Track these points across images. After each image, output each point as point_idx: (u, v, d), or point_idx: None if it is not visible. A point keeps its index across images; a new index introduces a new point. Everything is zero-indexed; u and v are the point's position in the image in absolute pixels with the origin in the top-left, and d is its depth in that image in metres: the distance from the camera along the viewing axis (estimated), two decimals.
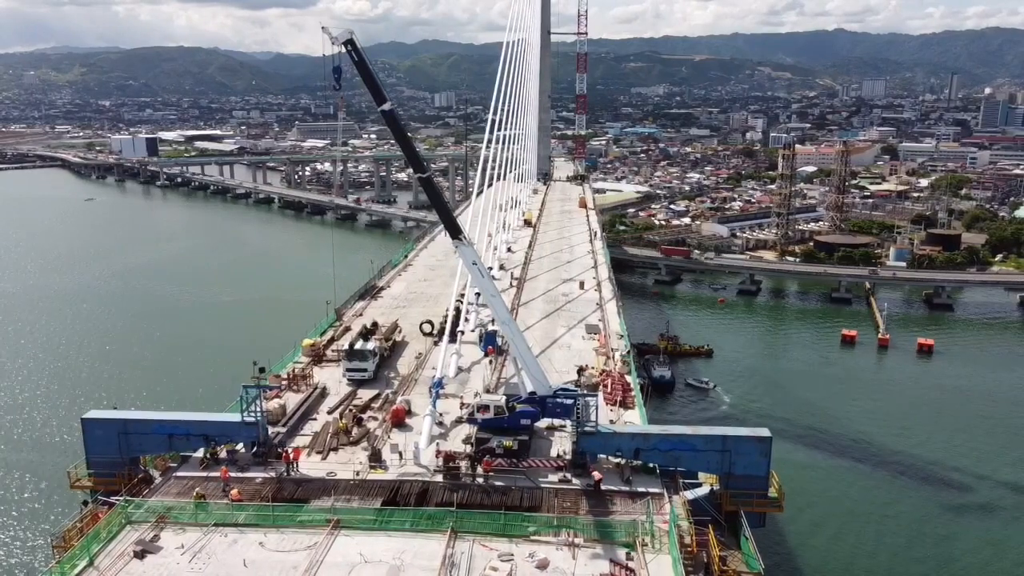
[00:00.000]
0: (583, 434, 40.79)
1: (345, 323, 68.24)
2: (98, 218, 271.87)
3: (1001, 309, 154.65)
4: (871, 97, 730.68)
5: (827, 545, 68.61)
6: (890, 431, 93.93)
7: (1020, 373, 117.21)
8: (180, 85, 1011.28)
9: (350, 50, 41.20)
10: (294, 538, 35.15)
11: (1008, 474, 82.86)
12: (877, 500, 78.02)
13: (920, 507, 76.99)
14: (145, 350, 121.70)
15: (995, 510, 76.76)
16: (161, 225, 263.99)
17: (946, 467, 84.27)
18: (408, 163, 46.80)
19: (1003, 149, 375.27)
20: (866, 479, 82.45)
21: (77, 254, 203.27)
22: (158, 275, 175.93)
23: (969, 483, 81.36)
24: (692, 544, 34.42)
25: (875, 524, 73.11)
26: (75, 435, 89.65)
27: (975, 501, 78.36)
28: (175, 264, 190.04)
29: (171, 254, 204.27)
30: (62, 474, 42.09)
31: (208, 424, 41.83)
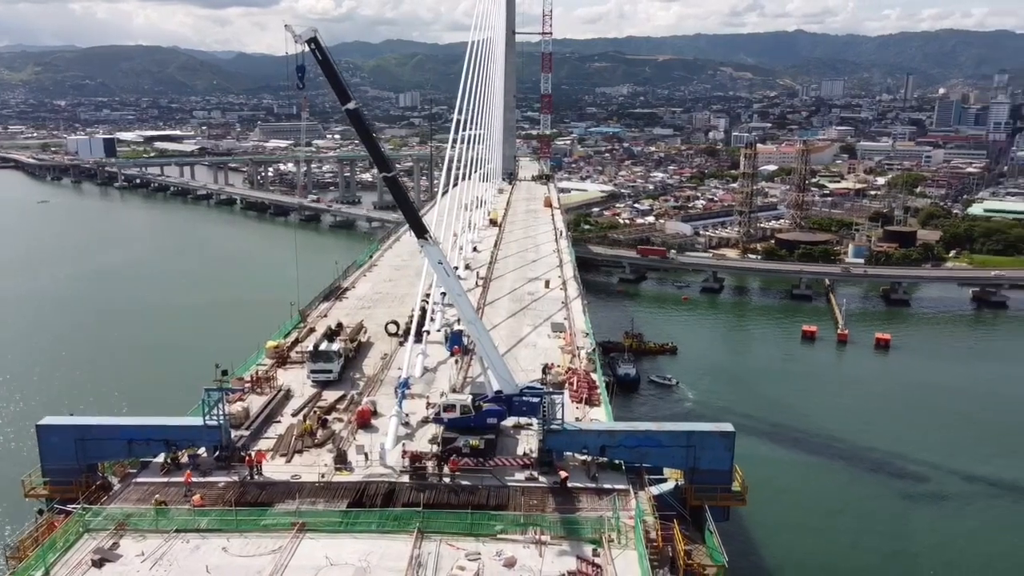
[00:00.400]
0: (549, 432, 40.93)
1: (309, 324, 67.64)
2: (54, 220, 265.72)
3: (955, 304, 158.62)
4: (830, 97, 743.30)
5: (789, 537, 69.83)
6: (850, 425, 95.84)
7: (974, 366, 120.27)
8: (139, 85, 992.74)
9: (314, 48, 40.87)
10: (258, 542, 34.72)
11: (964, 465, 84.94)
12: (838, 492, 79.61)
13: (879, 498, 78.70)
14: (103, 355, 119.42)
15: (951, 500, 78.80)
16: (120, 227, 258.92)
17: (904, 459, 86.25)
18: (373, 163, 46.59)
19: (956, 148, 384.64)
20: (827, 472, 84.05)
21: (32, 257, 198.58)
22: (117, 278, 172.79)
23: (926, 474, 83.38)
24: (658, 539, 34.80)
25: (836, 516, 74.60)
26: (29, 443, 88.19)
27: (932, 491, 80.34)
28: (134, 267, 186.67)
29: (130, 257, 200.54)
30: (14, 483, 40.92)
31: (169, 428, 41.15)
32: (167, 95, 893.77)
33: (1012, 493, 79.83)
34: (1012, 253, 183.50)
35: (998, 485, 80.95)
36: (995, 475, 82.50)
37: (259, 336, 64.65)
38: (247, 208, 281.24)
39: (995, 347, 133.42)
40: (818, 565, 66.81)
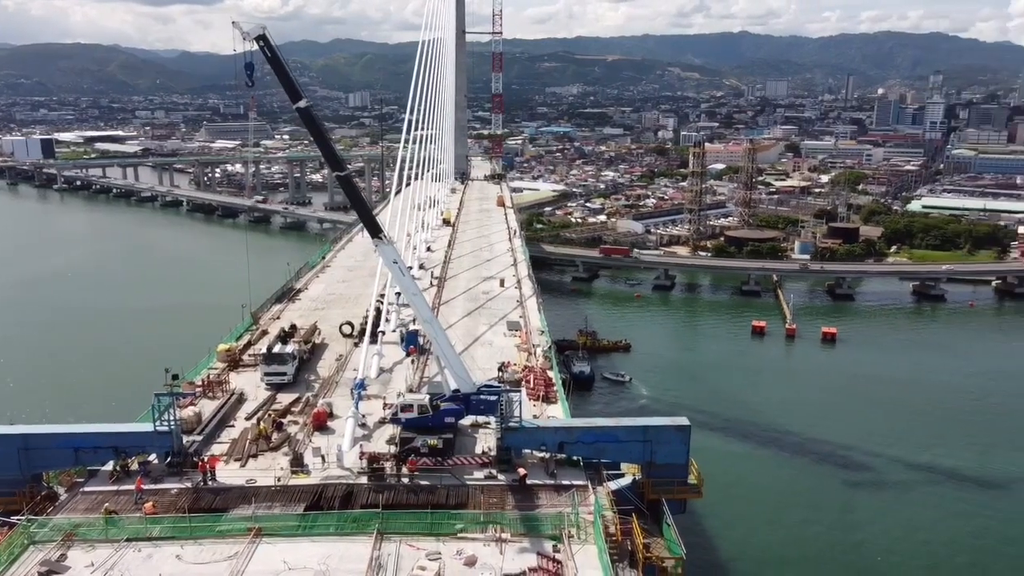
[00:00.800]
0: (507, 430, 41.00)
1: (262, 327, 66.58)
2: None
3: (896, 297, 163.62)
4: (775, 97, 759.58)
5: (744, 528, 71.30)
6: (799, 417, 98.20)
7: (916, 357, 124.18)
8: (78, 84, 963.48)
9: (263, 46, 40.19)
10: (213, 549, 34.10)
11: (905, 452, 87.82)
12: (789, 482, 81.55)
13: (827, 487, 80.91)
14: (46, 361, 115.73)
15: (893, 486, 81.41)
16: (61, 230, 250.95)
17: (850, 449, 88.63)
18: (326, 162, 46.07)
19: (895, 147, 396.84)
20: (778, 463, 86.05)
21: None
22: (60, 282, 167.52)
23: (870, 462, 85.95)
24: (617, 533, 35.08)
25: (787, 505, 76.43)
26: None
27: (876, 479, 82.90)
28: (78, 271, 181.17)
29: (73, 260, 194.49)
30: None
31: (118, 435, 40.02)
32: (108, 95, 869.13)
33: (949, 478, 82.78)
34: (949, 248, 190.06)
35: (936, 471, 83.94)
36: (934, 462, 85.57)
37: (210, 340, 63.35)
38: (194, 210, 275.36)
39: (935, 338, 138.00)
40: (772, 554, 68.39)
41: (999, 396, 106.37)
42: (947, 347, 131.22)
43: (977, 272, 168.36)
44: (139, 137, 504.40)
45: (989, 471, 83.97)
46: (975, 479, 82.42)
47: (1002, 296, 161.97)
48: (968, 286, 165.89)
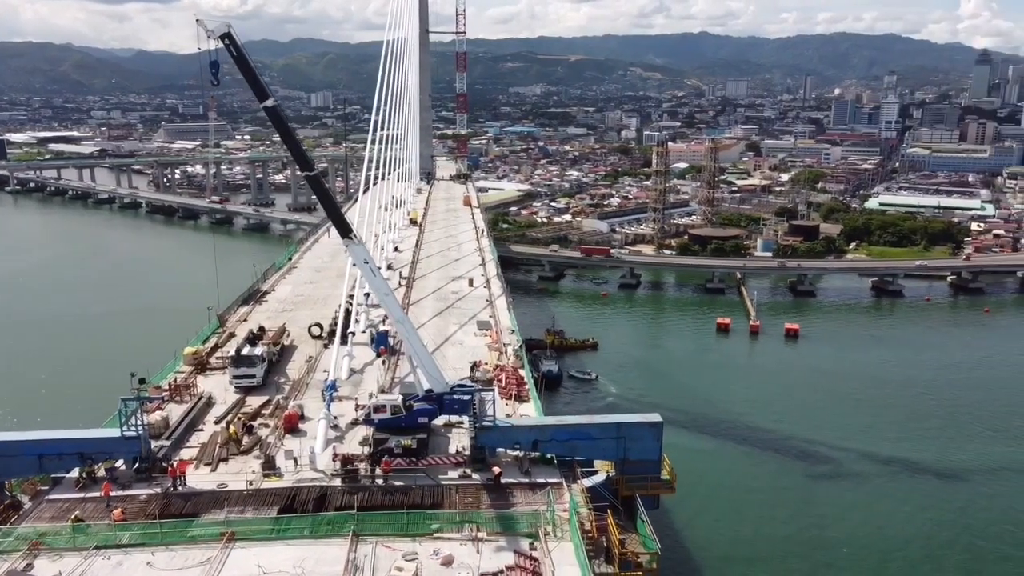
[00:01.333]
0: (481, 429, 41.03)
1: (229, 329, 65.71)
2: None
3: (856, 294, 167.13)
4: (735, 97, 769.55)
5: (714, 521, 72.39)
6: (764, 412, 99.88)
7: (876, 352, 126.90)
8: (29, 83, 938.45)
9: (228, 44, 39.62)
10: (185, 555, 33.61)
11: (871, 446, 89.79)
12: (755, 476, 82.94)
13: (792, 479, 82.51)
14: (4, 368, 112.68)
15: (854, 477, 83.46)
16: (13, 234, 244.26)
17: (815, 442, 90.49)
18: (295, 162, 45.69)
19: (852, 146, 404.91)
20: (746, 457, 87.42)
21: None
22: (14, 287, 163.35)
23: (833, 455, 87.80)
24: (592, 530, 35.29)
25: (756, 499, 77.70)
26: None
27: (839, 471, 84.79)
28: (34, 275, 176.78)
29: (30, 264, 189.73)
30: None
31: (83, 441, 39.14)
32: (61, 94, 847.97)
33: (908, 470, 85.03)
34: (906, 244, 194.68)
35: (897, 463, 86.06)
36: (895, 455, 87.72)
37: (175, 343, 62.31)
38: (154, 211, 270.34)
39: (894, 333, 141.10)
40: (743, 547, 69.54)
41: (957, 389, 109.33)
42: (906, 341, 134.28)
43: (936, 268, 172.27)
44: (95, 138, 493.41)
45: (947, 463, 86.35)
46: (934, 471, 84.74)
47: (956, 291, 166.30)
48: (924, 281, 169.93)
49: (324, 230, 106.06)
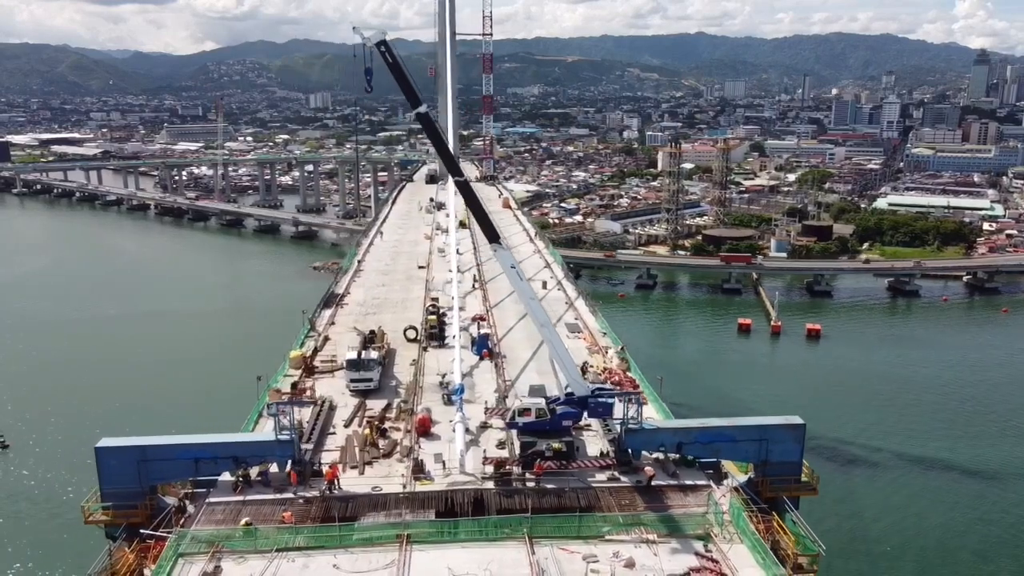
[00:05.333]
0: (629, 432, 40.83)
1: (322, 333, 65.04)
2: None
3: (872, 293, 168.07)
4: (733, 97, 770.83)
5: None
6: (795, 412, 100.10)
7: (898, 352, 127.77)
8: (26, 85, 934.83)
9: (383, 51, 39.69)
10: (368, 557, 33.56)
11: (907, 445, 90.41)
12: None
13: (832, 480, 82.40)
14: (34, 370, 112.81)
15: (898, 477, 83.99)
16: (25, 237, 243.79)
17: (850, 444, 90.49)
18: (445, 167, 45.58)
19: (855, 146, 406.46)
20: None
21: None
22: (40, 291, 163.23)
23: (873, 456, 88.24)
24: (761, 532, 34.85)
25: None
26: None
27: (880, 473, 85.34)
28: (54, 278, 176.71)
29: (42, 267, 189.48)
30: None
31: (238, 445, 39.35)
32: (59, 96, 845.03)
33: (944, 468, 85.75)
34: (918, 244, 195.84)
35: (931, 462, 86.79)
36: (929, 453, 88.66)
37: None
38: (163, 213, 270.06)
39: (913, 333, 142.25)
40: None
41: (984, 387, 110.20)
42: (926, 341, 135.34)
43: (951, 268, 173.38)
44: (97, 139, 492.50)
45: (979, 461, 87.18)
46: (967, 469, 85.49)
47: (972, 291, 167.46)
48: (940, 281, 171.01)
49: (375, 233, 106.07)
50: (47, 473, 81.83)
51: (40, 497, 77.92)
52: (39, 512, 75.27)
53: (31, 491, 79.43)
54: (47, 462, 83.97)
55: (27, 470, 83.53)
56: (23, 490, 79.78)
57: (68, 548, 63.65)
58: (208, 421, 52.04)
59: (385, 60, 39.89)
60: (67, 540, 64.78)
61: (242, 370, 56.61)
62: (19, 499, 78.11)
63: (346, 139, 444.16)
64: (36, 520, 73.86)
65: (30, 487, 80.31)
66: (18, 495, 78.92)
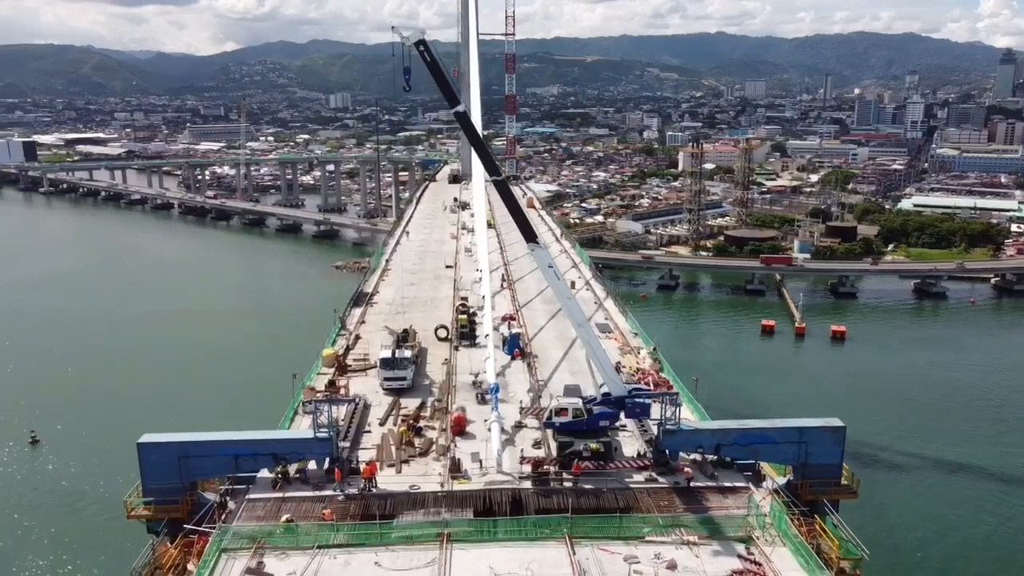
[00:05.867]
0: (667, 432, 40.62)
1: (352, 331, 65.22)
2: None
3: (898, 295, 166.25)
4: (753, 97, 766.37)
5: None
6: (825, 415, 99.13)
7: (926, 354, 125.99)
8: (51, 85, 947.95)
9: (422, 51, 39.93)
10: (408, 555, 33.57)
11: (942, 450, 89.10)
12: None
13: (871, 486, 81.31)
14: (57, 367, 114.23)
15: (934, 482, 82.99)
16: (52, 235, 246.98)
17: (885, 449, 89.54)
18: (483, 166, 45.59)
19: (879, 146, 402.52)
20: None
21: None
22: (68, 289, 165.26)
23: (909, 462, 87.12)
24: (802, 534, 34.53)
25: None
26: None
27: (915, 477, 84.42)
28: (81, 276, 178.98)
29: (69, 265, 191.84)
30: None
31: (278, 442, 39.60)
32: (83, 96, 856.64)
33: (979, 474, 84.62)
34: (944, 246, 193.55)
35: (967, 468, 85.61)
36: (965, 458, 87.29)
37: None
38: (186, 212, 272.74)
39: (941, 335, 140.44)
40: None
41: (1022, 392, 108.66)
42: (955, 343, 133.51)
43: (982, 270, 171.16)
44: (121, 139, 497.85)
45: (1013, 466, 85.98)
46: (1007, 476, 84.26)
47: (1000, 293, 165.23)
48: (967, 283, 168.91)
49: (402, 231, 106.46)
50: (80, 468, 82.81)
51: (75, 491, 78.87)
52: (77, 506, 76.18)
53: (66, 486, 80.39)
54: (80, 457, 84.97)
55: (61, 465, 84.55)
56: (58, 485, 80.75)
57: (108, 543, 64.40)
58: (241, 418, 52.36)
59: (424, 59, 40.13)
60: (106, 535, 65.55)
61: (272, 367, 57.18)
62: (55, 494, 79.10)
63: (366, 139, 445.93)
64: (74, 515, 74.71)
65: (64, 482, 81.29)
66: (54, 490, 79.91)
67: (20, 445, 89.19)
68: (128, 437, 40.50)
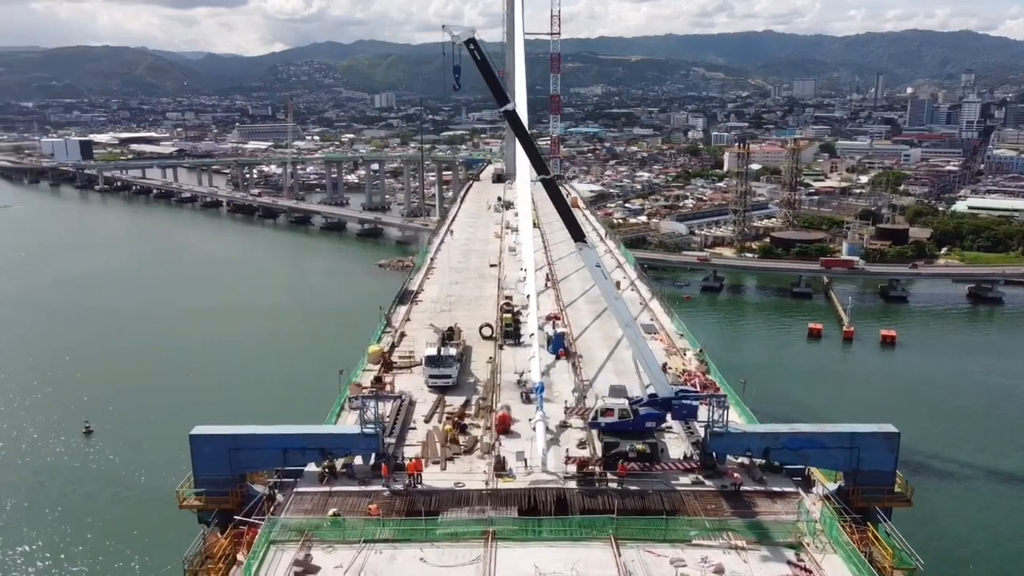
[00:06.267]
0: (714, 435, 40.15)
1: (398, 329, 65.60)
2: (41, 225, 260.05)
3: (952, 300, 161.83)
4: (802, 97, 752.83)
5: None
6: (876, 421, 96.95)
7: (981, 361, 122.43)
8: (107, 86, 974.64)
9: (472, 49, 40.30)
10: (453, 552, 33.71)
11: (1008, 464, 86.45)
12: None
13: (941, 498, 78.96)
14: (114, 361, 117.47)
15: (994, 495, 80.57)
16: (107, 232, 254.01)
17: (936, 456, 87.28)
18: (531, 164, 45.82)
19: (932, 147, 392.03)
20: None
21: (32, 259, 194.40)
22: (121, 284, 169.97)
23: (963, 472, 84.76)
24: (855, 542, 33.88)
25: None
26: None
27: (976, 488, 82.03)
28: (134, 271, 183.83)
29: (123, 261, 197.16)
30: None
31: (325, 437, 40.09)
32: (137, 96, 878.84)
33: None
34: (1001, 249, 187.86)
35: None
36: None
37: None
38: (234, 211, 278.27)
39: (997, 342, 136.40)
40: None
41: None
42: (1012, 351, 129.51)
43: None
44: (172, 138, 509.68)
45: None
46: None
47: None
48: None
49: (446, 230, 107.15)
50: (132, 459, 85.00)
51: (127, 481, 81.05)
52: (129, 496, 78.23)
53: (119, 476, 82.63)
54: (131, 448, 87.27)
55: (114, 455, 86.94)
56: (111, 475, 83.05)
57: (159, 532, 65.98)
58: (289, 412, 53.06)
59: (473, 57, 40.37)
60: (157, 524, 67.11)
61: (319, 363, 57.85)
62: (108, 483, 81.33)
63: (410, 138, 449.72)
64: (127, 504, 76.72)
65: (117, 472, 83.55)
66: (107, 479, 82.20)
67: (75, 435, 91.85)
68: (178, 429, 41.39)
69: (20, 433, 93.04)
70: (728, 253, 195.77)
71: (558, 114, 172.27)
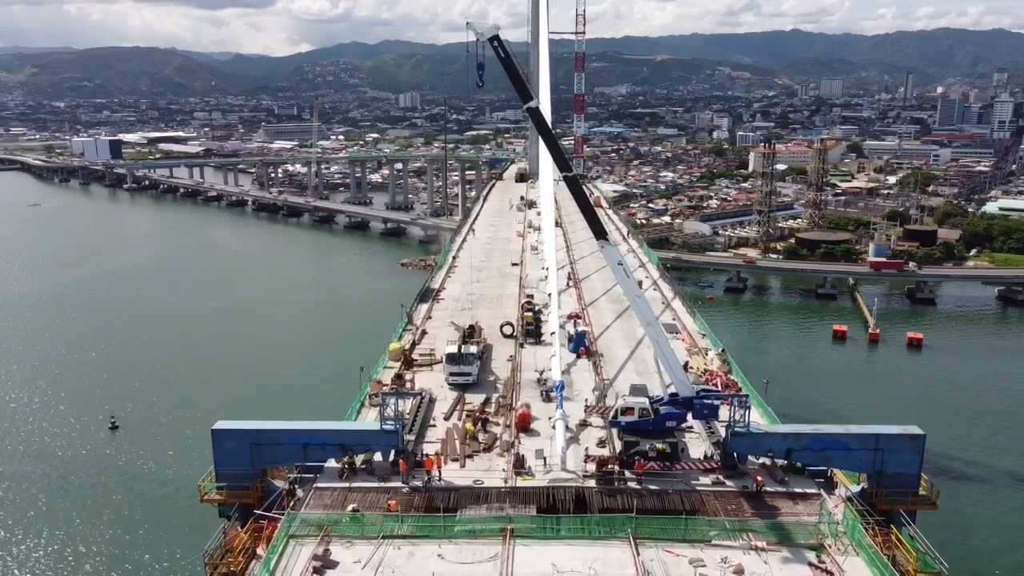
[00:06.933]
0: (735, 435, 39.90)
1: (419, 327, 65.83)
2: (69, 223, 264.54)
3: (980, 302, 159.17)
4: (829, 96, 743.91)
5: None
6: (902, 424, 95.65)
7: (1013, 366, 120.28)
8: (136, 86, 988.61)
9: (496, 46, 40.37)
10: (472, 549, 33.75)
11: None
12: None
13: (967, 502, 77.74)
14: (142, 357, 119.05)
15: None
16: (136, 229, 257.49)
17: (958, 459, 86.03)
18: (554, 162, 45.72)
19: (963, 147, 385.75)
20: None
21: (62, 257, 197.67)
22: (149, 280, 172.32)
23: (992, 476, 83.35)
24: (878, 545, 33.39)
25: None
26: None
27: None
28: (161, 268, 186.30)
29: (151, 258, 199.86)
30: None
31: (345, 433, 40.37)
32: (166, 96, 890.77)
33: None
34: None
35: None
36: None
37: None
38: (259, 209, 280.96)
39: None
40: None
41: None
42: None
43: None
44: (199, 138, 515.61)
45: None
46: None
47: None
48: None
49: (468, 229, 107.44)
50: (156, 453, 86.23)
51: (151, 475, 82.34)
52: (152, 490, 79.42)
53: (143, 470, 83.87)
54: (156, 443, 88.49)
55: (138, 450, 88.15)
56: (135, 469, 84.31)
57: (181, 525, 66.86)
58: (309, 408, 53.40)
59: (497, 55, 40.39)
60: (179, 517, 68.03)
61: (340, 360, 58.14)
62: (132, 477, 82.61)
63: (434, 138, 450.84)
64: (150, 497, 77.82)
65: (141, 466, 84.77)
66: (132, 473, 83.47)
67: (101, 430, 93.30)
68: (201, 425, 41.84)
69: (48, 427, 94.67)
70: (752, 253, 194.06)
71: (582, 113, 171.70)
